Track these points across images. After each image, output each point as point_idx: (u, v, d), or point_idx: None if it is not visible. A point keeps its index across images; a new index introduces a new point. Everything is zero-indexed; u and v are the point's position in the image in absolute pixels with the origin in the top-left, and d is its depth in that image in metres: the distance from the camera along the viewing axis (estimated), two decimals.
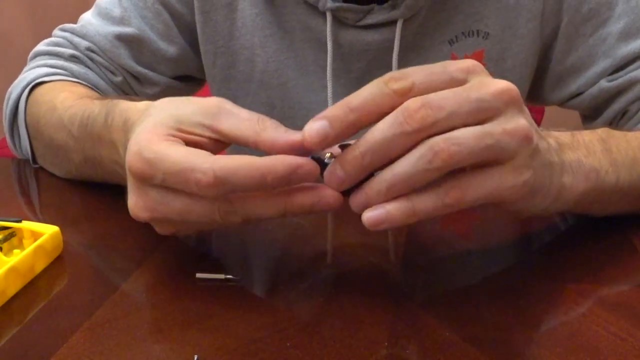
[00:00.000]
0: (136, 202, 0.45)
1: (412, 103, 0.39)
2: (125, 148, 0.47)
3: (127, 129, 0.49)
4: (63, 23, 0.83)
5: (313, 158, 0.42)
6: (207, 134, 0.44)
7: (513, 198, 0.43)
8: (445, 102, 0.39)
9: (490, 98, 0.41)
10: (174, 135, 0.43)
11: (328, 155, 0.42)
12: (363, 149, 0.40)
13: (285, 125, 0.43)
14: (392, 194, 0.41)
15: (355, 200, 0.42)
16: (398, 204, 0.41)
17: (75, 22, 0.82)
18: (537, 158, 0.44)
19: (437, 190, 0.41)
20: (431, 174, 0.40)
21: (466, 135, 0.40)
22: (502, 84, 0.41)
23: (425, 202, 0.41)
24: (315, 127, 0.40)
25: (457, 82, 0.41)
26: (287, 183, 0.41)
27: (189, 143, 0.43)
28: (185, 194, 0.42)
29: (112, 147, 0.53)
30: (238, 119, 0.44)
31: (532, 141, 0.42)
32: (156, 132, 0.43)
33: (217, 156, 0.41)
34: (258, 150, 0.43)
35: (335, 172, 0.41)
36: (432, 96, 0.40)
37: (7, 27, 2.14)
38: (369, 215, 0.41)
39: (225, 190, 0.41)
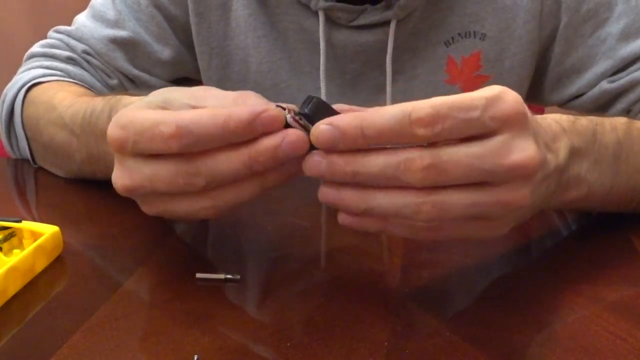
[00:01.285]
0: (115, 173, 0.45)
1: (419, 159, 0.38)
2: None
3: None
4: (63, 23, 0.83)
5: None
6: None
7: (487, 238, 0.43)
8: (453, 169, 0.38)
9: (503, 171, 0.39)
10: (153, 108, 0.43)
11: (285, 112, 0.41)
12: (356, 169, 0.39)
13: None
14: (365, 214, 0.41)
15: (327, 194, 0.41)
16: (373, 222, 0.41)
17: None
18: (526, 209, 0.42)
19: (412, 225, 0.41)
20: (411, 220, 0.40)
21: (457, 203, 0.39)
22: (521, 157, 0.39)
23: (399, 230, 0.42)
24: (327, 132, 0.39)
25: (486, 131, 0.39)
26: (251, 131, 0.40)
27: None
28: (153, 158, 0.42)
29: None
30: (222, 99, 0.44)
31: (523, 208, 0.41)
32: (137, 106, 0.44)
33: (183, 111, 0.41)
34: None
35: (319, 168, 0.40)
36: (442, 158, 0.38)
37: (7, 27, 2.14)
38: (345, 218, 0.42)
39: (189, 141, 0.40)
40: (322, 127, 0.39)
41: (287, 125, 0.41)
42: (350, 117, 0.39)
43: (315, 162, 0.40)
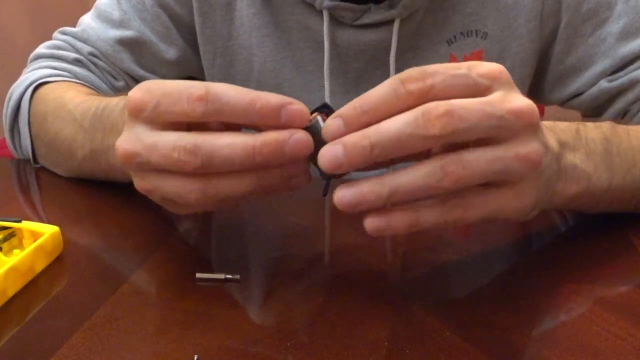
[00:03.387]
0: (122, 136, 0.44)
1: (434, 108, 0.38)
2: None
3: None
4: (63, 23, 0.83)
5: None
6: None
7: (513, 218, 0.43)
8: (469, 115, 0.38)
9: (511, 118, 0.40)
10: None
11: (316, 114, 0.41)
12: (374, 140, 0.39)
13: None
14: (392, 201, 0.40)
15: (347, 196, 0.40)
16: (401, 215, 0.41)
17: (75, 22, 0.82)
18: (542, 177, 0.44)
19: (441, 207, 0.41)
20: (436, 191, 0.40)
21: (479, 158, 0.39)
22: (524, 103, 0.40)
23: (428, 217, 0.41)
24: (334, 125, 0.40)
25: (479, 89, 0.40)
26: (274, 118, 0.40)
27: None
28: (160, 128, 0.42)
29: None
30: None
31: (540, 165, 0.42)
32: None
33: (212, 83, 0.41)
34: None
35: (335, 154, 0.39)
36: (456, 105, 0.38)
37: (8, 27, 2.14)
38: (372, 221, 0.41)
39: (214, 107, 0.40)
40: (328, 120, 0.40)
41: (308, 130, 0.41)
42: (348, 105, 0.40)
43: (331, 149, 0.40)
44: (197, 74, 0.84)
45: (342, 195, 0.40)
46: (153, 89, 0.42)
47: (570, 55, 0.75)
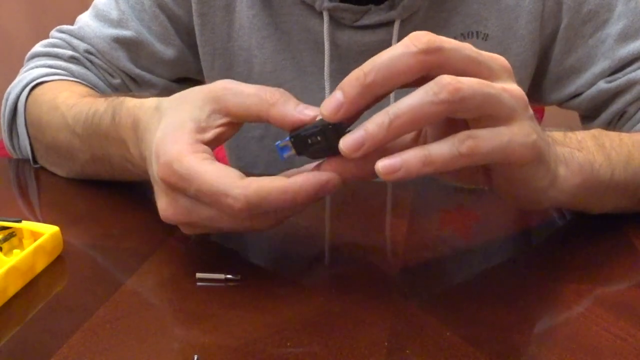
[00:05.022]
0: (166, 207, 0.46)
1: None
2: (136, 146, 0.49)
3: (136, 127, 0.50)
4: (63, 23, 0.83)
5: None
6: (221, 121, 0.45)
7: (524, 158, 0.43)
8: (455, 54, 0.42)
9: (497, 63, 0.44)
10: (198, 141, 0.45)
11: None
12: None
13: None
14: (395, 129, 0.40)
15: (351, 138, 0.40)
16: (414, 152, 0.40)
17: (74, 22, 0.82)
18: (537, 127, 0.45)
19: (452, 140, 0.40)
20: (437, 108, 0.39)
21: (471, 79, 0.40)
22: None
23: (441, 150, 0.40)
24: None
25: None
26: (315, 200, 0.43)
27: (212, 142, 0.45)
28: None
29: (122, 145, 0.53)
30: (244, 97, 0.45)
31: (528, 105, 0.44)
32: (182, 141, 0.44)
33: (248, 180, 0.43)
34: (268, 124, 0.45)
35: (336, 97, 0.41)
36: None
37: (7, 27, 2.14)
38: (384, 163, 0.40)
39: (257, 212, 0.43)
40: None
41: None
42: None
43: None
44: (194, 75, 0.84)
45: (347, 139, 0.41)
46: (186, 178, 0.43)
47: (570, 56, 0.75)
